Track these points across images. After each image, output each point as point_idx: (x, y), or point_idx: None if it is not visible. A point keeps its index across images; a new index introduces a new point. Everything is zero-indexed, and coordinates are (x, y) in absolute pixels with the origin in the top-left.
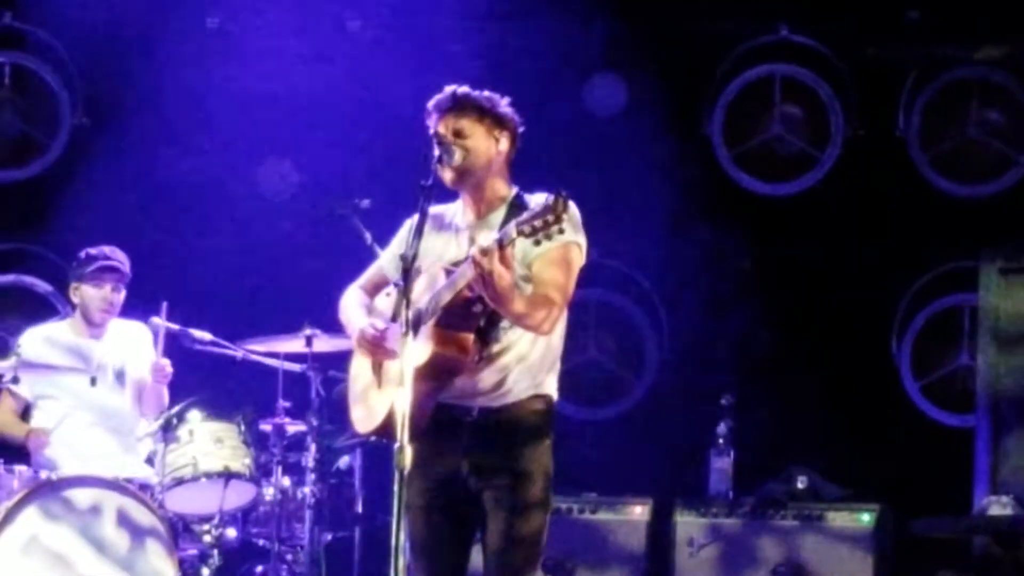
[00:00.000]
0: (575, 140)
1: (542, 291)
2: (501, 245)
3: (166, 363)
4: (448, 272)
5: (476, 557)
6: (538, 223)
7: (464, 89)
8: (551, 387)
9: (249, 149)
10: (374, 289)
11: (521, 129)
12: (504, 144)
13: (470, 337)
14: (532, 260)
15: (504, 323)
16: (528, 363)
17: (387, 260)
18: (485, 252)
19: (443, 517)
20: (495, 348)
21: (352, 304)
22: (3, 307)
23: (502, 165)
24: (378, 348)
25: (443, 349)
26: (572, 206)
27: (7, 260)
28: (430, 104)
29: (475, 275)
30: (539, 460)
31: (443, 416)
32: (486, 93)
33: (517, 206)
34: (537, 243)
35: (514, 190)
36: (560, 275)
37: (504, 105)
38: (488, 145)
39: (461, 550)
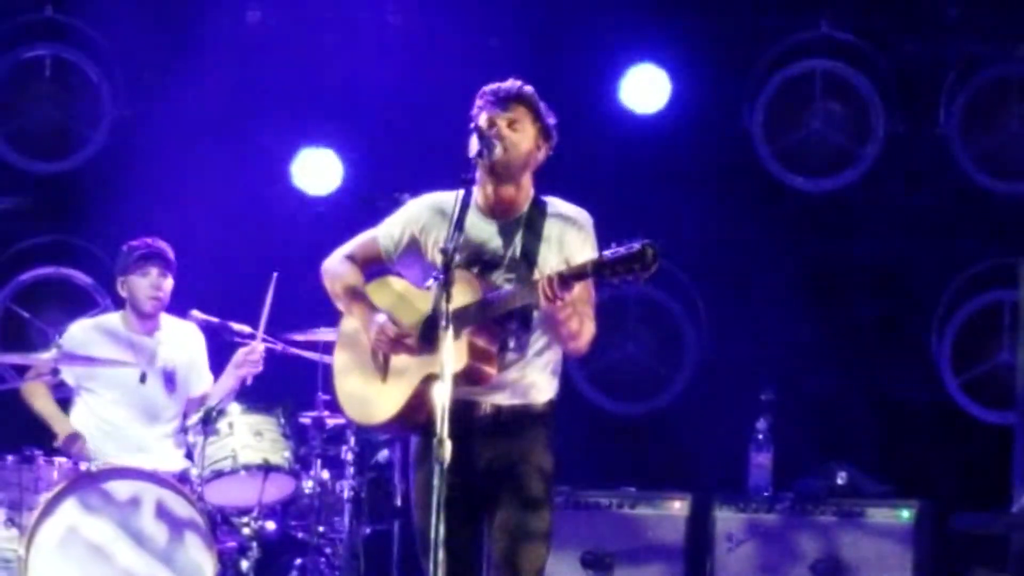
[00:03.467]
0: (614, 134)
1: (586, 311)
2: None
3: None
4: (484, 285)
5: None
6: (621, 268)
7: (530, 88)
8: (555, 389)
9: (289, 141)
10: (363, 264)
11: (551, 152)
12: (542, 154)
13: (495, 350)
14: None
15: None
16: (544, 366)
17: (384, 236)
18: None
19: (453, 513)
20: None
21: (348, 281)
22: (44, 299)
23: (533, 170)
24: (398, 345)
25: (476, 362)
26: (588, 215)
27: (48, 252)
28: (488, 90)
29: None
30: (547, 459)
31: (457, 412)
32: (543, 103)
33: (538, 208)
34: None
35: (533, 192)
36: (593, 295)
37: (552, 121)
38: (531, 147)
39: (473, 546)
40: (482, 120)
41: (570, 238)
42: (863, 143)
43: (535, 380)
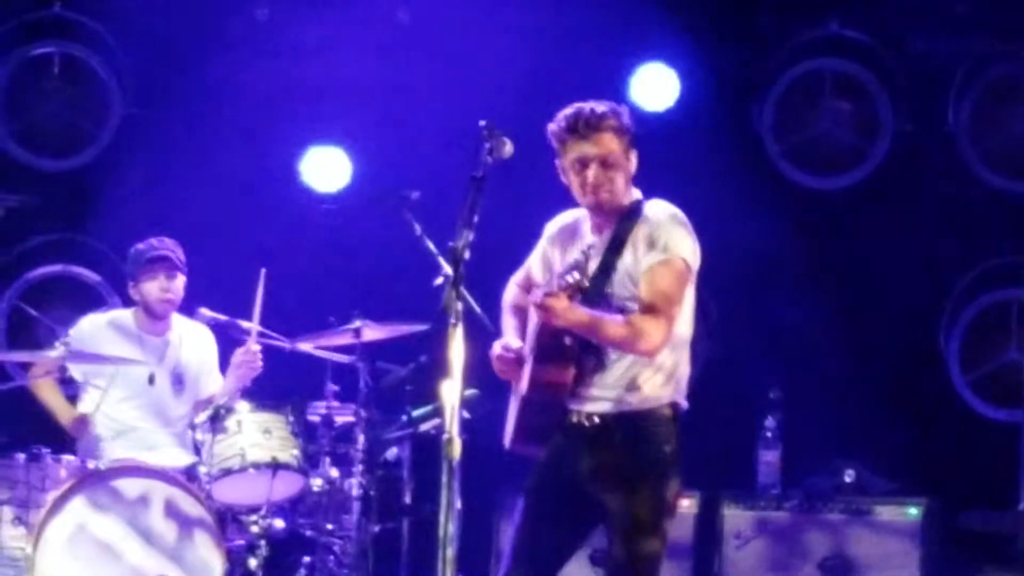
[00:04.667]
0: None
1: (640, 311)
2: (543, 304)
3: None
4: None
5: None
6: (571, 279)
7: (603, 109)
8: (679, 395)
9: (298, 139)
10: (525, 288)
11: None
12: (634, 161)
13: (569, 369)
14: (638, 279)
15: None
16: (654, 369)
17: (534, 261)
18: (542, 307)
19: (551, 520)
20: (613, 357)
21: (505, 309)
22: (51, 297)
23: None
24: (506, 368)
25: (538, 387)
26: (676, 216)
27: (56, 250)
28: (567, 121)
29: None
30: (657, 470)
31: (566, 423)
32: (617, 105)
33: (632, 213)
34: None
35: (634, 194)
36: (656, 292)
37: (627, 117)
38: (625, 163)
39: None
40: (567, 159)
41: (644, 242)
42: (872, 141)
43: (624, 384)
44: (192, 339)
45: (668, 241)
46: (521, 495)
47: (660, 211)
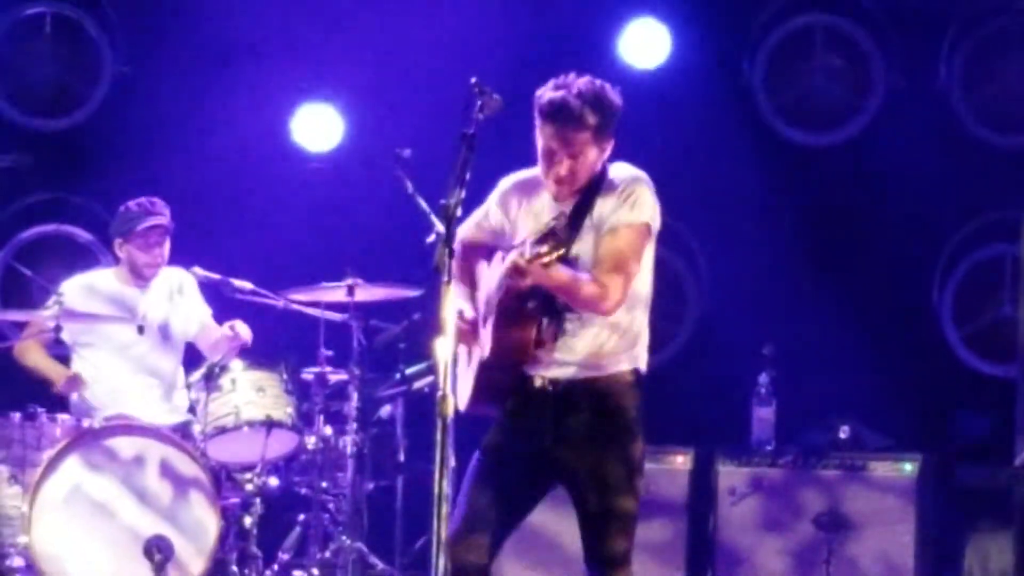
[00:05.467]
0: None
1: (597, 273)
2: (519, 269)
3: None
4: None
5: None
6: (547, 246)
7: (580, 93)
8: (642, 360)
9: (290, 98)
10: (472, 246)
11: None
12: (609, 147)
13: (530, 332)
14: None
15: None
16: (619, 334)
17: (483, 218)
18: (518, 272)
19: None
20: (570, 325)
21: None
22: (44, 257)
23: None
24: (462, 336)
25: (501, 348)
26: (640, 178)
27: (48, 209)
28: (545, 102)
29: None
30: (626, 432)
31: (528, 387)
32: (597, 84)
33: (598, 177)
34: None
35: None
36: (618, 251)
37: (613, 98)
38: (596, 159)
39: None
40: (540, 138)
41: (609, 204)
42: (863, 97)
43: (591, 352)
44: (170, 284)
45: (634, 203)
46: (479, 453)
47: (625, 174)
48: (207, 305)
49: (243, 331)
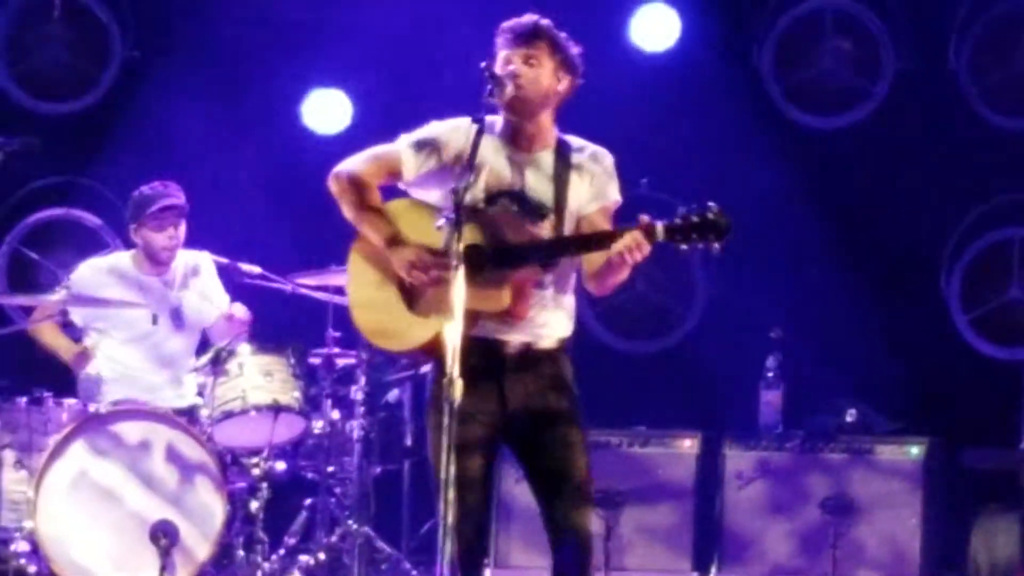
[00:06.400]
0: (624, 73)
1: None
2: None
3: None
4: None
5: None
6: (695, 235)
7: (546, 21)
8: (571, 327)
9: (299, 81)
10: (380, 179)
11: (581, 81)
12: (563, 86)
13: (532, 290)
14: (587, 214)
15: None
16: (564, 305)
17: (409, 154)
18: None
19: (477, 453)
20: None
21: (368, 197)
22: (53, 240)
23: (555, 105)
24: (428, 279)
25: (517, 304)
26: (611, 158)
27: (57, 194)
28: (505, 27)
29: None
30: (573, 394)
31: (485, 350)
32: (563, 34)
33: (563, 148)
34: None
35: (555, 129)
36: None
37: (575, 52)
38: (550, 82)
39: (489, 482)
40: (499, 59)
41: (599, 176)
42: (873, 81)
43: (558, 319)
44: (186, 270)
45: (615, 186)
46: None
47: (602, 153)
48: (225, 293)
49: (239, 312)
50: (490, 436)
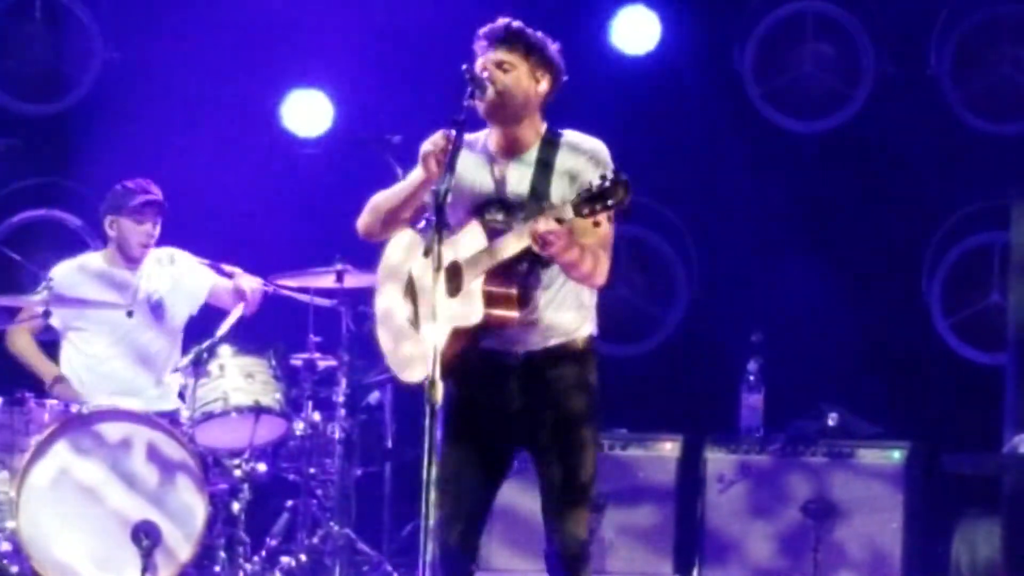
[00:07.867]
0: (604, 76)
1: (591, 244)
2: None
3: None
4: (490, 230)
5: None
6: (598, 206)
7: (518, 24)
8: (592, 325)
9: (280, 82)
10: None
11: (564, 77)
12: (544, 86)
13: (515, 292)
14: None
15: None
16: (570, 302)
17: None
18: (550, 238)
19: (481, 458)
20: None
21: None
22: (34, 242)
23: (538, 106)
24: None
25: (494, 309)
26: (604, 146)
27: (38, 195)
28: (482, 32)
29: (547, 254)
30: (584, 399)
31: (489, 362)
32: (539, 33)
33: (551, 142)
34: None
35: (545, 126)
36: (604, 235)
37: (553, 49)
38: (528, 84)
39: (490, 490)
40: (477, 64)
41: (583, 170)
42: (854, 84)
43: (562, 318)
44: (161, 264)
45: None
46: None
47: (590, 143)
48: (207, 268)
49: (246, 284)
50: (496, 441)
